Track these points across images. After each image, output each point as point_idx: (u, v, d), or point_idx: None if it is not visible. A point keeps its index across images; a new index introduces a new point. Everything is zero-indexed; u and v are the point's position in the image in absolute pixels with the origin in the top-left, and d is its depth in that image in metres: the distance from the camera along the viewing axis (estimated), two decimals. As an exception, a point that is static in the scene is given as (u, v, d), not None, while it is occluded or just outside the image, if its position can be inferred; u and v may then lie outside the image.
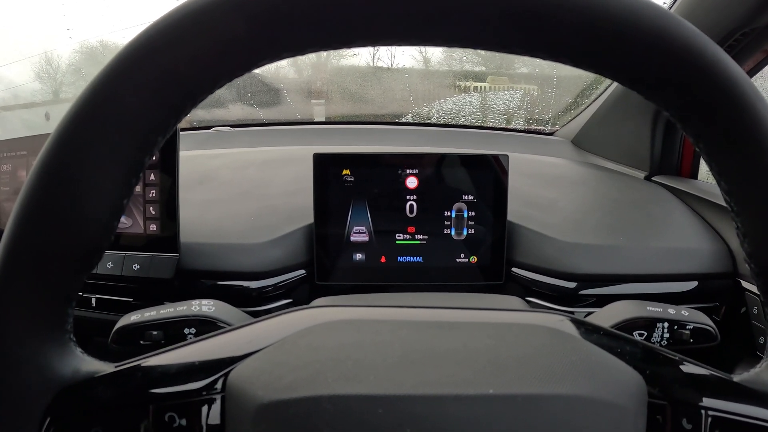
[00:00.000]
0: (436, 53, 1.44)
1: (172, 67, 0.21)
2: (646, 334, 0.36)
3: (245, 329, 0.27)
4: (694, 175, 0.84)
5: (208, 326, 0.41)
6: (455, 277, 0.60)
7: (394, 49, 1.33)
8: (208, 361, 0.24)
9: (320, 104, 1.34)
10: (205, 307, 0.42)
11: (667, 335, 0.36)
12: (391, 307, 0.27)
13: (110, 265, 0.58)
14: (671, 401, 0.23)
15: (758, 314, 0.57)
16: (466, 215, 0.60)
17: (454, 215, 0.60)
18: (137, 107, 0.21)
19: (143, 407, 0.23)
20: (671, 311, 0.37)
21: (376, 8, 0.20)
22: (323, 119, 1.31)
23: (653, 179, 0.84)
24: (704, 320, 0.37)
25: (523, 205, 0.67)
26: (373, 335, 0.24)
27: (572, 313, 0.58)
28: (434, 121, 1.30)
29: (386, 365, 0.22)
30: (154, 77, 0.21)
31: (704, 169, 0.84)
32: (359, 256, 0.60)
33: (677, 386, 0.24)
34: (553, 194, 0.73)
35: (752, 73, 0.68)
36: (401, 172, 0.59)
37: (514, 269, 0.61)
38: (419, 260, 0.60)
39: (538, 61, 0.23)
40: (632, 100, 0.86)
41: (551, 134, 1.11)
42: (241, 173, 0.78)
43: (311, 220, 0.60)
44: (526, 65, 1.37)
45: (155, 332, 0.41)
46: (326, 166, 0.59)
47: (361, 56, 1.41)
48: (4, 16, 1.36)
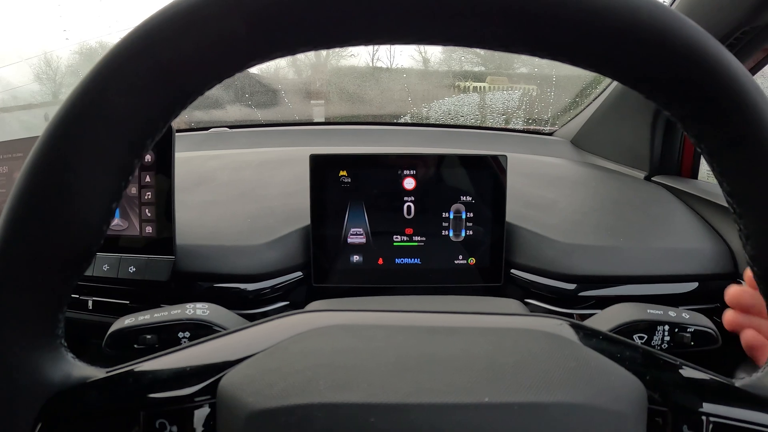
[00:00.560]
0: (435, 53, 1.43)
1: (160, 68, 0.20)
2: (646, 337, 0.36)
3: (238, 334, 0.26)
4: (694, 175, 0.84)
5: (202, 330, 0.41)
6: (453, 278, 0.60)
7: (393, 49, 1.33)
8: (199, 366, 0.24)
9: (319, 104, 1.33)
10: (199, 310, 0.41)
11: (667, 338, 0.36)
12: (385, 311, 0.27)
13: (106, 267, 0.58)
14: (672, 407, 0.23)
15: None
16: (464, 216, 0.59)
17: (452, 216, 0.59)
18: (125, 110, 0.21)
19: (134, 413, 0.23)
20: (672, 314, 0.36)
21: (376, 6, 0.19)
22: (322, 119, 1.31)
23: (653, 179, 0.83)
24: (705, 323, 0.36)
25: (522, 205, 0.67)
26: (367, 341, 0.24)
27: (572, 314, 0.58)
28: (433, 121, 1.30)
29: (380, 372, 0.21)
30: (141, 79, 0.20)
31: (704, 168, 0.83)
32: (356, 257, 0.60)
33: (678, 392, 0.24)
34: (552, 195, 0.73)
35: (753, 71, 0.68)
36: (398, 173, 0.59)
37: (512, 271, 0.61)
38: (417, 262, 0.60)
39: (537, 60, 0.23)
40: (632, 99, 0.86)
41: (550, 134, 1.10)
42: (238, 174, 0.78)
43: (308, 221, 0.60)
44: (525, 65, 1.37)
45: (149, 336, 0.40)
46: (323, 167, 0.59)
47: (360, 56, 1.41)
48: (1, 17, 1.36)
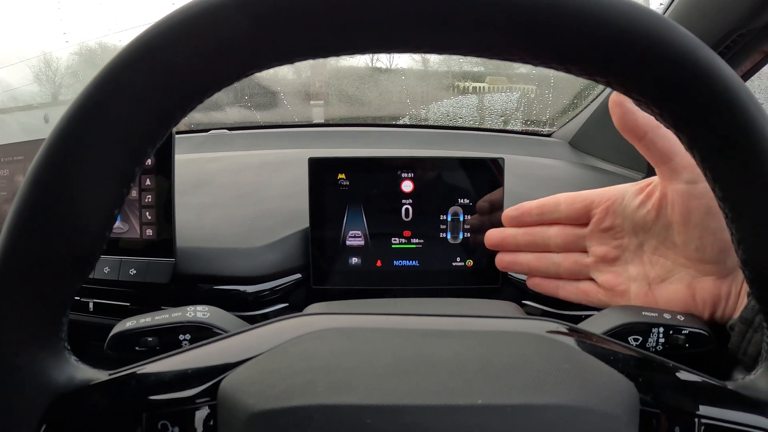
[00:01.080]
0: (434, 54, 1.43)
1: (161, 76, 0.21)
2: (641, 339, 0.36)
3: (238, 337, 0.27)
4: (691, 176, 0.84)
5: (203, 332, 0.41)
6: (451, 280, 0.60)
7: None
8: (200, 368, 0.25)
9: (319, 106, 1.33)
10: (199, 313, 0.42)
11: (662, 340, 0.36)
12: (383, 314, 0.27)
13: (107, 270, 0.58)
14: (664, 409, 0.23)
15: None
16: (462, 219, 0.59)
17: (450, 219, 0.60)
18: (127, 118, 0.21)
19: (136, 415, 0.23)
20: (666, 316, 0.37)
21: (370, 17, 0.20)
22: (322, 120, 1.31)
23: (651, 181, 0.84)
24: (700, 325, 0.37)
25: (520, 207, 0.67)
26: (364, 344, 0.24)
27: (568, 316, 0.58)
28: (432, 122, 1.30)
29: (376, 374, 0.22)
30: (143, 87, 0.21)
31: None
32: (355, 260, 0.60)
33: (670, 394, 0.24)
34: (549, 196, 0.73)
35: (750, 74, 0.68)
36: (397, 175, 0.59)
37: (510, 273, 0.61)
38: (415, 264, 0.60)
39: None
40: (629, 101, 0.86)
41: (549, 136, 1.10)
42: (237, 176, 0.78)
43: (307, 223, 0.60)
44: (524, 65, 1.37)
45: (150, 339, 0.40)
46: (321, 170, 0.59)
47: (359, 58, 1.41)
48: (1, 18, 1.36)
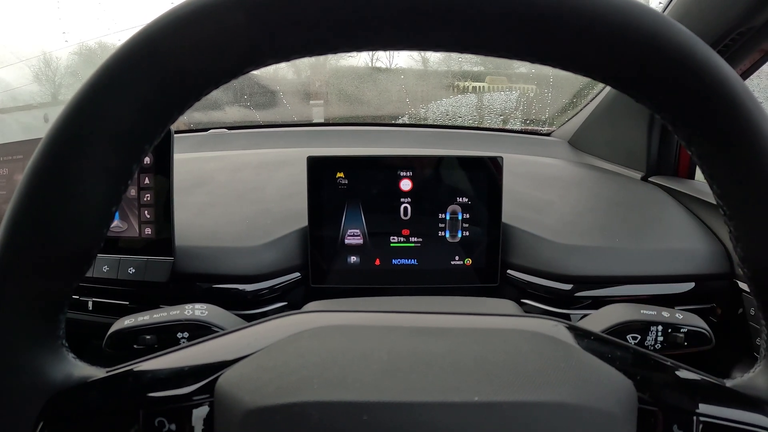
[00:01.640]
0: (434, 53, 1.43)
1: (158, 75, 0.21)
2: (639, 337, 0.36)
3: (235, 334, 0.27)
4: (691, 175, 0.84)
5: (201, 330, 0.41)
6: (450, 279, 0.60)
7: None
8: (197, 366, 0.24)
9: (318, 105, 1.33)
10: (198, 311, 0.42)
11: (661, 338, 0.36)
12: (380, 312, 0.27)
13: (106, 268, 0.58)
14: (662, 407, 0.23)
15: (755, 315, 0.57)
16: (460, 217, 0.59)
17: (448, 217, 0.60)
18: (124, 115, 0.21)
19: (134, 412, 0.23)
20: (665, 314, 0.37)
21: (373, 13, 0.20)
22: (321, 120, 1.31)
23: (650, 180, 0.84)
24: (699, 323, 0.37)
25: (518, 206, 0.67)
26: (360, 341, 0.24)
27: (568, 315, 0.58)
28: (431, 122, 1.30)
29: (372, 372, 0.22)
30: (139, 86, 0.21)
31: (701, 169, 0.83)
32: (354, 258, 0.60)
33: (668, 392, 0.24)
34: (548, 195, 0.73)
35: (749, 72, 0.68)
36: (395, 174, 0.59)
37: (509, 271, 0.61)
38: (414, 263, 0.60)
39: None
40: (629, 100, 0.85)
41: (548, 135, 1.10)
42: (236, 176, 0.78)
43: (306, 222, 0.60)
44: (524, 65, 1.37)
45: (148, 337, 0.41)
46: (320, 169, 0.59)
47: (359, 57, 1.41)
48: (0, 18, 1.36)
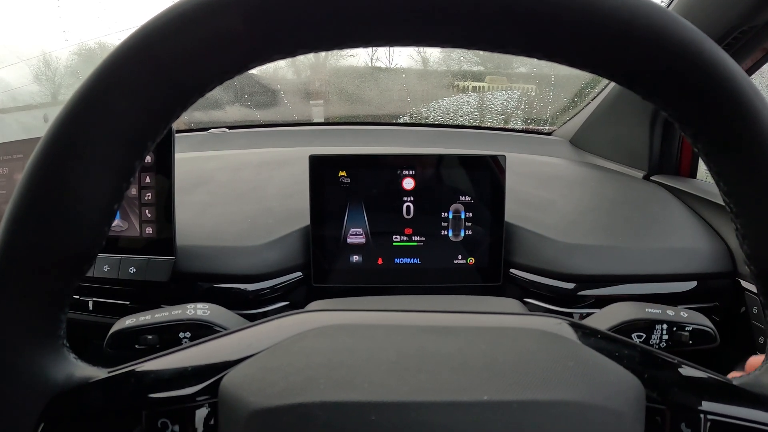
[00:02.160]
0: (434, 53, 1.43)
1: (160, 71, 0.20)
2: (644, 336, 0.36)
3: (238, 334, 0.26)
4: (693, 174, 0.84)
5: (203, 330, 0.41)
6: (453, 278, 0.60)
7: (392, 48, 1.33)
8: (200, 366, 0.24)
9: (318, 105, 1.33)
10: (200, 310, 0.41)
11: (666, 337, 0.36)
12: (385, 311, 0.27)
13: (107, 268, 0.58)
14: (670, 405, 0.23)
15: (758, 314, 0.56)
16: (463, 216, 0.59)
17: (451, 216, 0.59)
18: (126, 112, 0.21)
19: (136, 413, 0.23)
20: (670, 312, 0.37)
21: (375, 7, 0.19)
22: (322, 119, 1.31)
23: (652, 179, 0.84)
24: (703, 321, 0.36)
25: (521, 205, 0.67)
26: (366, 340, 0.24)
27: (571, 314, 0.58)
28: (432, 121, 1.30)
29: (379, 371, 0.22)
30: (141, 81, 0.20)
31: (703, 168, 0.84)
32: (356, 258, 0.60)
33: (676, 390, 0.24)
34: (551, 194, 0.73)
35: (751, 71, 0.68)
36: (398, 173, 0.59)
37: (512, 270, 0.61)
38: (416, 262, 0.60)
39: (536, 60, 0.23)
40: (630, 98, 0.86)
41: (549, 134, 1.10)
42: (237, 175, 0.78)
43: (308, 222, 0.60)
44: (524, 64, 1.37)
45: (150, 336, 0.40)
46: (322, 167, 0.59)
47: (359, 56, 1.41)
48: (0, 18, 1.36)
